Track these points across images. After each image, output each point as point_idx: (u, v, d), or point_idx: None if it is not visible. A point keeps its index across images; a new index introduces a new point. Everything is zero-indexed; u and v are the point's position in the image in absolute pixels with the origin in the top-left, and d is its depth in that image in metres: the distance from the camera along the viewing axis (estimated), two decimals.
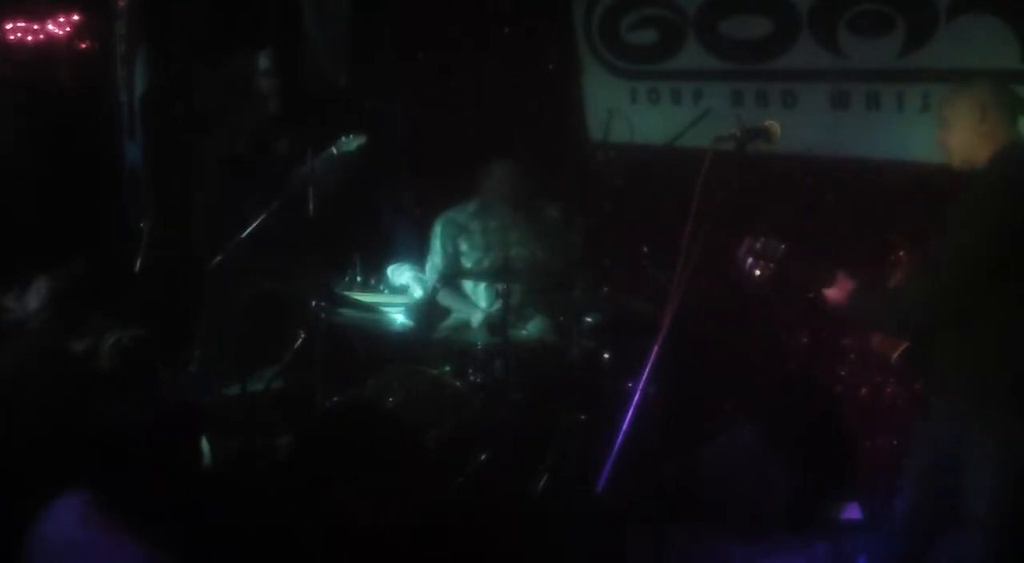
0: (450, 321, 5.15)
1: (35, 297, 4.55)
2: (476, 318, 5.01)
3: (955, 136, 3.12)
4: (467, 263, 5.12)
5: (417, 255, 5.41)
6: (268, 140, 5.51)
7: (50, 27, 6.78)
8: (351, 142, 5.19)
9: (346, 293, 4.86)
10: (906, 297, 3.13)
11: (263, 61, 5.37)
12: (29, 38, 6.75)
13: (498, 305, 4.61)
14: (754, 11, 5.14)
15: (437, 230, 5.17)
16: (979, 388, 3.03)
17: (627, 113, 5.73)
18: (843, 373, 4.62)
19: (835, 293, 3.21)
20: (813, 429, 4.54)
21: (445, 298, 5.14)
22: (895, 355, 3.26)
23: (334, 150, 5.19)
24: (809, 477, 4.36)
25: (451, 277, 5.13)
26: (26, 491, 3.05)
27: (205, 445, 4.43)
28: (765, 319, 4.96)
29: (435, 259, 5.17)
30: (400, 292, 5.08)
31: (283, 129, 5.49)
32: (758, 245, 3.23)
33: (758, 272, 3.23)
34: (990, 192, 3.00)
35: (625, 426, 2.89)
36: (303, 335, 5.50)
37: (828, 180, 4.99)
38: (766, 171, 4.57)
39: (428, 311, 5.15)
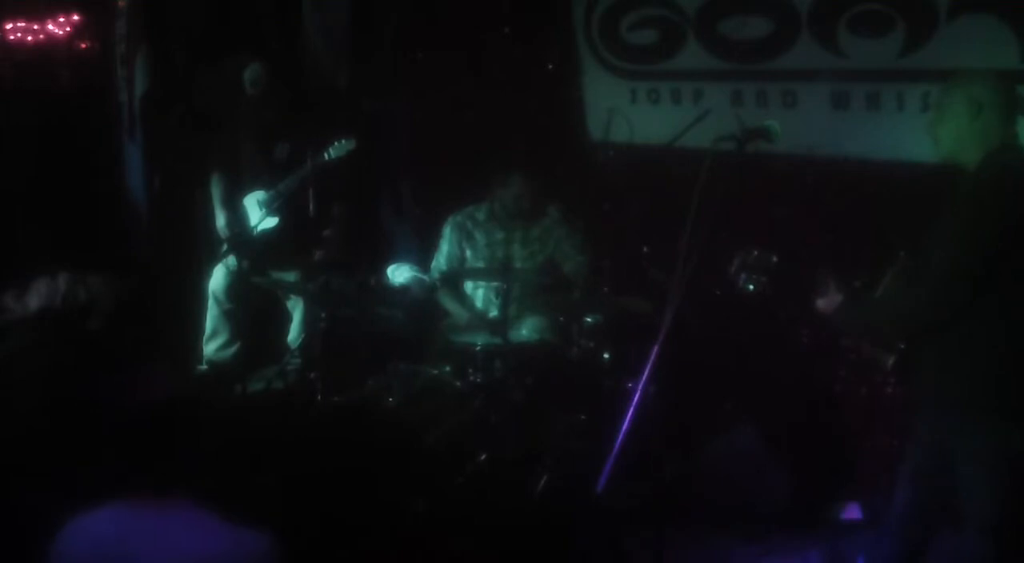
0: (450, 321, 5.15)
1: (35, 297, 4.55)
2: (465, 319, 5.02)
3: (946, 131, 3.09)
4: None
5: (417, 255, 5.41)
6: (269, 141, 5.52)
7: (50, 27, 6.77)
8: (342, 147, 5.24)
9: (346, 292, 4.86)
10: (898, 308, 3.13)
11: (249, 73, 5.38)
12: (29, 38, 6.74)
13: (497, 306, 4.61)
14: (754, 11, 5.14)
15: (446, 231, 5.17)
16: (968, 392, 3.01)
17: (627, 113, 5.73)
18: (843, 373, 4.62)
19: (824, 304, 3.21)
20: (813, 429, 4.54)
21: (444, 299, 5.14)
22: (890, 362, 3.25)
23: (326, 156, 5.23)
24: (809, 477, 4.36)
25: (453, 277, 5.13)
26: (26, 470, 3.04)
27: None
28: (765, 319, 4.96)
29: (440, 259, 5.17)
30: (400, 292, 5.07)
31: (283, 131, 5.50)
32: (750, 259, 3.22)
33: (752, 286, 3.23)
34: (982, 198, 2.96)
35: (625, 426, 2.89)
36: (303, 335, 5.52)
37: (828, 180, 4.99)
38: (766, 171, 4.57)
39: (428, 311, 5.16)
